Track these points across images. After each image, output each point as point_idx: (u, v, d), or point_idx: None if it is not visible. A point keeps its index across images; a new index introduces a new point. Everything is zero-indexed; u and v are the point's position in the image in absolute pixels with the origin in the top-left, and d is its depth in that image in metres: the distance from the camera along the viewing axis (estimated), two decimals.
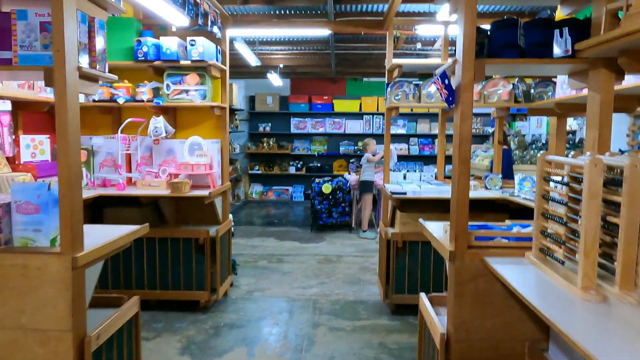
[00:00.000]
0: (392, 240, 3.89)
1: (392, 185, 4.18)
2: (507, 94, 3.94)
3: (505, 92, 3.94)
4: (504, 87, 3.98)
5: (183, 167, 3.98)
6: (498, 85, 3.98)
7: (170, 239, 3.98)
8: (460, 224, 1.89)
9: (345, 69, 10.30)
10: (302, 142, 10.76)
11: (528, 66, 1.89)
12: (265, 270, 5.38)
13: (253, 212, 9.51)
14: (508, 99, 3.94)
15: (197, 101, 4.00)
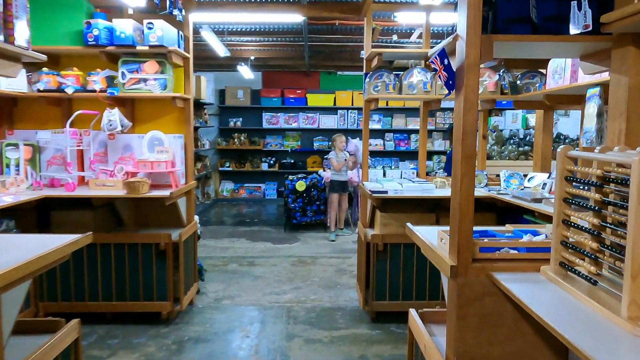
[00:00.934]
0: (372, 242, 3.59)
1: (371, 184, 3.88)
2: (493, 85, 3.68)
3: (491, 83, 3.68)
4: (489, 78, 3.72)
5: (141, 164, 3.58)
6: (483, 76, 3.73)
7: (127, 245, 3.58)
8: (463, 232, 1.59)
9: (319, 62, 9.96)
10: (275, 137, 10.39)
11: (540, 46, 1.60)
12: (236, 274, 5.02)
13: (224, 211, 9.10)
14: (494, 90, 3.69)
15: (157, 91, 3.60)
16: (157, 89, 3.61)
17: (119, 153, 3.82)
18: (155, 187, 3.75)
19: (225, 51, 6.84)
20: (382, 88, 3.70)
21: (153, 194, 3.42)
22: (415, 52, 3.79)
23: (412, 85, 3.66)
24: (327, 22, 7.37)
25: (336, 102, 10.11)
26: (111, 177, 3.70)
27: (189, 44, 3.88)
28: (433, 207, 3.83)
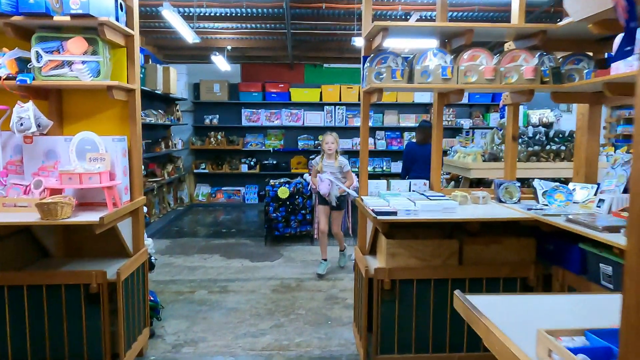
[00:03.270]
0: (377, 279, 2.72)
1: (372, 199, 3.00)
2: (532, 71, 2.83)
3: (528, 68, 2.83)
4: (526, 62, 2.87)
5: (65, 178, 2.65)
6: (518, 60, 2.87)
7: (46, 287, 2.65)
8: None
9: (304, 53, 9.07)
10: (255, 136, 9.45)
11: None
12: (204, 306, 4.10)
13: (198, 219, 8.15)
14: (533, 77, 2.83)
15: (86, 79, 2.67)
16: (86, 75, 2.67)
17: (39, 161, 2.87)
18: (89, 207, 2.83)
19: (194, 37, 5.89)
20: (387, 75, 2.82)
21: (77, 219, 2.49)
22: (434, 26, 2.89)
23: (426, 71, 2.79)
24: (311, 6, 6.48)
25: (322, 98, 9.22)
26: (26, 194, 2.75)
27: (132, 17, 2.95)
28: (450, 229, 2.98)
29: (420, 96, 9.19)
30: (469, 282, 2.78)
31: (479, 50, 2.86)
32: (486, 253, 2.80)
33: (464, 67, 2.79)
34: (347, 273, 5.03)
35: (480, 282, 2.79)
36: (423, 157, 6.43)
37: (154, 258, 3.55)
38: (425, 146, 6.36)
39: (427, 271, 2.74)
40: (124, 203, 2.89)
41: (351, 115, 9.29)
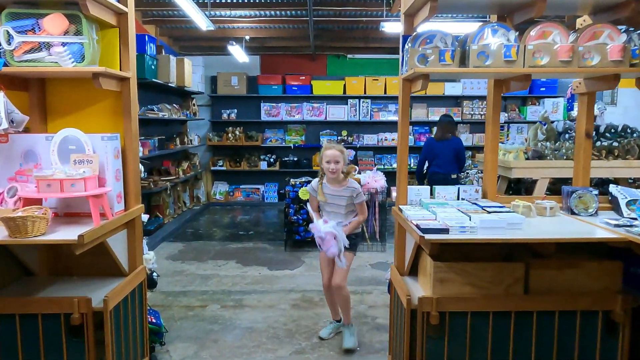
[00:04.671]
0: (421, 310, 2.18)
1: (414, 210, 2.46)
2: (619, 51, 2.24)
3: (615, 48, 2.24)
4: (611, 40, 2.28)
5: (43, 184, 2.18)
6: (601, 37, 2.28)
7: (20, 317, 2.19)
8: None
9: (326, 43, 8.53)
10: (275, 131, 8.96)
11: None
12: (215, 325, 3.63)
13: (215, 220, 7.71)
14: (620, 59, 2.24)
15: (67, 64, 2.20)
16: (66, 60, 2.20)
17: (16, 164, 2.42)
18: (76, 218, 2.37)
19: (208, 24, 5.41)
20: (434, 57, 2.27)
21: (52, 237, 2.03)
22: None
23: (484, 51, 2.23)
24: None
25: (346, 90, 8.67)
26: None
27: None
28: (510, 248, 2.42)
29: (451, 88, 8.57)
30: (537, 316, 2.22)
31: (551, 25, 2.28)
32: (559, 279, 2.24)
33: (533, 46, 2.22)
34: (376, 285, 4.51)
35: (552, 316, 2.23)
36: (443, 154, 5.91)
37: (156, 274, 3.08)
38: (445, 142, 5.83)
39: (485, 302, 2.20)
40: (116, 213, 2.42)
41: (376, 109, 8.72)
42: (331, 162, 3.08)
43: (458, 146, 5.86)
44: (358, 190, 3.19)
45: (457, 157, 5.81)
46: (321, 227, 2.96)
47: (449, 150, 5.79)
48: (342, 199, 3.16)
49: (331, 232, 2.93)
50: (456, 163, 5.85)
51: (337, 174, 3.10)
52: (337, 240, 2.94)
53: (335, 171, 3.07)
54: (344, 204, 3.17)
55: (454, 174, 5.82)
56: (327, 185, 3.19)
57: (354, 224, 3.19)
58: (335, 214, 3.20)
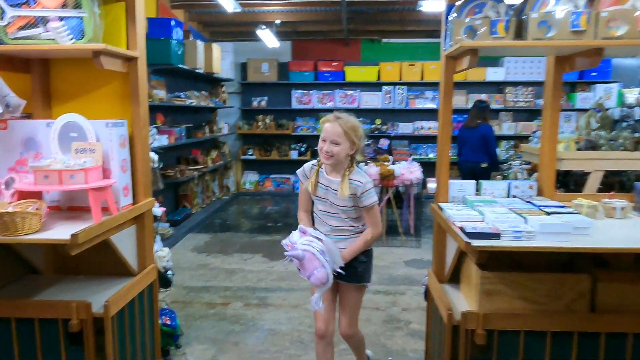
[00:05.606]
0: (464, 327, 1.86)
1: (458, 209, 2.12)
2: None
3: None
4: None
5: (40, 175, 1.97)
6: None
7: (16, 321, 2.00)
8: None
9: (360, 27, 8.13)
10: (306, 119, 8.67)
11: None
12: (236, 325, 3.40)
13: (243, 210, 7.53)
14: None
15: (64, 41, 1.96)
16: (64, 36, 1.96)
17: (17, 153, 2.22)
18: (80, 213, 2.16)
19: (235, 5, 5.15)
20: (484, 29, 1.91)
21: (44, 235, 1.81)
22: None
23: (546, 21, 1.85)
24: None
25: (380, 77, 8.27)
26: None
27: None
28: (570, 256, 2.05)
29: (493, 73, 8.04)
30: (606, 338, 1.86)
31: None
32: (633, 295, 1.87)
33: (607, 13, 1.83)
34: (410, 285, 4.18)
35: (623, 339, 1.86)
36: (470, 141, 5.54)
37: (171, 272, 2.86)
38: (474, 129, 5.50)
39: (542, 319, 1.86)
40: (122, 208, 2.20)
41: (412, 96, 8.29)
42: (327, 141, 2.10)
43: (486, 133, 5.48)
44: (366, 186, 2.11)
45: (484, 145, 5.44)
46: (296, 241, 2.00)
47: (476, 138, 5.47)
48: (340, 202, 2.14)
49: (309, 250, 1.92)
50: (484, 151, 5.49)
51: (334, 160, 2.11)
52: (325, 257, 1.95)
53: (330, 156, 2.09)
54: (342, 205, 2.14)
55: (484, 163, 5.48)
56: (323, 172, 2.21)
57: (358, 244, 2.14)
58: (329, 217, 2.19)
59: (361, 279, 2.25)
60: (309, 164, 2.30)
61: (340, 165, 2.17)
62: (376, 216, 2.19)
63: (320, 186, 2.21)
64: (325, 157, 2.11)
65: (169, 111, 6.16)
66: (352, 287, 2.23)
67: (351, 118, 2.16)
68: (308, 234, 2.02)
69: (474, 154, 5.51)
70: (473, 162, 5.47)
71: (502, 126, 8.16)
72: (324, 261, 1.94)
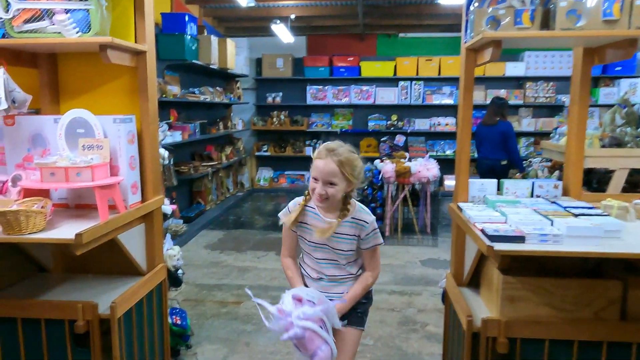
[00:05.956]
0: (484, 335, 1.76)
1: (478, 210, 2.02)
2: None
3: None
4: None
5: (47, 172, 1.92)
6: None
7: (22, 321, 1.96)
8: None
9: (376, 21, 8.00)
10: (321, 116, 8.58)
11: None
12: (248, 325, 3.34)
13: (258, 206, 7.48)
14: None
15: (70, 34, 1.91)
16: (70, 29, 1.90)
17: (24, 149, 2.18)
18: (87, 211, 2.11)
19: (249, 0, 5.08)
20: (508, 19, 1.80)
21: (48, 234, 1.76)
22: None
23: (576, 9, 1.73)
24: None
25: (397, 72, 8.13)
26: (2, 193, 2.07)
27: None
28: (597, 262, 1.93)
29: (513, 68, 7.84)
30: (638, 348, 1.74)
31: None
32: None
33: None
34: (426, 285, 4.08)
35: None
36: (489, 139, 5.42)
37: (182, 272, 2.80)
38: (494, 126, 5.39)
39: (568, 328, 1.75)
40: (131, 206, 2.14)
41: (429, 92, 8.14)
42: (319, 181, 1.77)
43: (506, 130, 5.36)
44: (373, 225, 1.85)
45: (504, 142, 5.33)
46: (291, 311, 1.66)
47: (496, 135, 5.37)
48: (342, 239, 1.84)
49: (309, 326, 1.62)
50: (503, 149, 5.38)
51: (329, 203, 1.81)
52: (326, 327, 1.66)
53: (324, 199, 1.77)
54: (346, 249, 1.85)
55: (504, 160, 5.39)
56: (312, 211, 1.88)
57: (358, 291, 1.88)
58: (328, 265, 1.89)
59: (361, 321, 1.96)
60: (295, 203, 1.94)
61: (336, 205, 1.84)
62: (378, 258, 1.95)
63: (312, 230, 1.88)
64: (318, 199, 1.80)
65: (183, 107, 6.13)
66: (351, 330, 1.92)
67: (347, 151, 1.80)
68: (304, 302, 1.66)
69: (493, 151, 5.40)
70: (493, 160, 5.36)
71: (521, 122, 7.97)
72: (327, 336, 1.65)
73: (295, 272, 1.99)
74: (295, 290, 1.73)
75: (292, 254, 2.04)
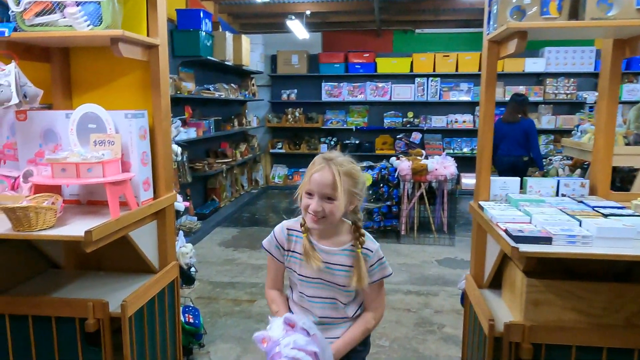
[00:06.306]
0: (507, 339, 1.68)
1: (501, 209, 1.93)
2: None
3: None
4: None
5: (58, 168, 1.89)
6: None
7: (33, 318, 1.93)
8: None
9: (392, 17, 7.91)
10: (336, 113, 8.52)
11: None
12: (261, 323, 3.29)
13: (272, 204, 7.45)
14: None
15: (82, 27, 1.87)
16: (81, 22, 1.87)
17: (36, 145, 2.15)
18: (99, 208, 2.08)
19: None
20: (535, 9, 1.71)
21: (58, 231, 1.73)
22: None
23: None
24: None
25: (413, 68, 8.02)
26: (14, 189, 2.05)
27: None
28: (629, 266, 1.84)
29: (532, 64, 7.67)
30: None
31: None
32: None
33: None
34: (443, 285, 3.99)
35: None
36: (510, 136, 5.31)
37: (194, 270, 2.76)
38: (516, 124, 5.30)
39: (597, 334, 1.66)
40: (142, 203, 2.10)
41: (446, 88, 8.01)
42: (314, 196, 1.48)
43: (528, 128, 5.27)
44: (378, 253, 1.56)
45: (526, 140, 5.24)
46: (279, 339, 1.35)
47: (518, 133, 5.28)
48: (339, 271, 1.54)
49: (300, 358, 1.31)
50: (525, 146, 5.28)
51: (327, 223, 1.50)
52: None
53: (319, 218, 1.47)
54: (343, 283, 1.54)
55: (525, 157, 5.33)
56: (313, 241, 1.57)
57: (356, 335, 1.57)
58: (321, 305, 1.58)
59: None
60: (282, 228, 1.65)
61: (335, 228, 1.55)
62: (384, 295, 1.64)
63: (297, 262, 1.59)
64: (312, 220, 1.48)
65: (198, 104, 6.11)
66: None
67: (347, 160, 1.51)
68: (297, 330, 1.36)
69: (514, 148, 5.30)
70: (516, 156, 5.26)
71: (540, 120, 7.80)
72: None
73: (282, 306, 1.65)
74: (289, 315, 1.41)
75: (279, 286, 1.71)
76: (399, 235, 5.32)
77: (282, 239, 1.64)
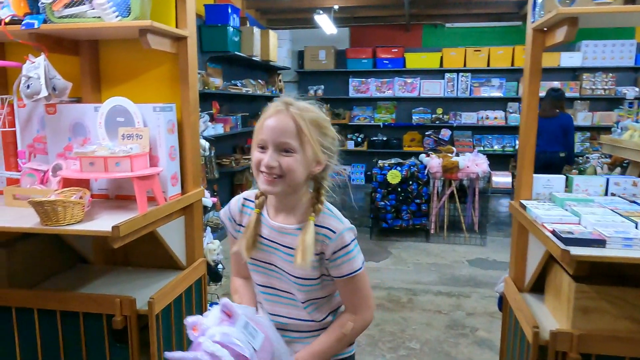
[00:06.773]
0: (553, 348, 1.57)
1: (546, 209, 1.81)
2: None
3: None
4: None
5: (86, 162, 1.86)
6: None
7: (61, 313, 1.91)
8: None
9: (422, 11, 7.74)
10: (363, 109, 8.40)
11: None
12: None
13: None
14: None
15: (110, 18, 1.83)
16: (110, 13, 1.83)
17: (65, 138, 2.14)
18: (126, 202, 2.05)
19: None
20: None
21: (86, 226, 1.69)
22: None
23: None
24: None
25: (443, 63, 7.84)
26: (43, 183, 2.03)
27: None
28: None
29: (569, 59, 7.40)
30: None
31: None
32: None
33: None
34: (475, 287, 3.86)
35: None
36: (547, 132, 5.10)
37: (221, 267, 2.72)
38: (553, 119, 5.08)
39: None
40: (170, 198, 2.06)
41: (477, 84, 7.81)
42: (268, 148, 1.16)
43: (567, 123, 5.06)
44: (344, 237, 1.21)
45: (564, 136, 5.03)
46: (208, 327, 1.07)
47: (556, 128, 5.08)
48: (288, 255, 1.22)
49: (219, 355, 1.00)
50: (562, 142, 5.07)
51: (285, 185, 1.17)
52: None
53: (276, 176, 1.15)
54: (302, 276, 1.21)
55: (562, 153, 5.10)
56: (265, 216, 1.27)
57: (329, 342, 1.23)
58: (276, 299, 1.28)
59: None
60: (239, 198, 1.34)
61: (296, 198, 1.23)
62: (366, 294, 1.24)
63: (261, 241, 1.24)
64: (266, 180, 1.15)
65: (225, 99, 6.10)
66: None
67: (313, 106, 1.21)
68: (235, 320, 1.07)
69: (551, 144, 5.10)
70: (551, 152, 5.06)
71: (576, 116, 7.51)
72: None
73: (245, 298, 1.32)
74: (228, 302, 1.09)
75: (244, 273, 1.35)
76: (428, 234, 5.19)
77: (235, 211, 1.31)
